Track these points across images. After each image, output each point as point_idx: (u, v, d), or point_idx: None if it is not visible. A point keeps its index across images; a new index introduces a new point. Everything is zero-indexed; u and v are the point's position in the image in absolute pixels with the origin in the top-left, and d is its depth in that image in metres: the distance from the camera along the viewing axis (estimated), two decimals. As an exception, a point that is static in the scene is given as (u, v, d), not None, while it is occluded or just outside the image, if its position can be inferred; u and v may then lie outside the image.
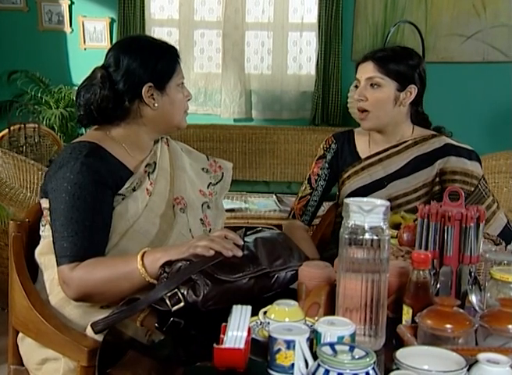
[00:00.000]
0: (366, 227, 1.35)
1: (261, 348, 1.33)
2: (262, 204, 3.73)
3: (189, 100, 2.01)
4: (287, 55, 5.68)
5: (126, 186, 1.85)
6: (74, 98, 5.67)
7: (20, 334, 1.90)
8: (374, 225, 1.36)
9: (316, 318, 1.45)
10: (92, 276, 1.70)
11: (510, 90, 5.54)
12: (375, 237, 1.36)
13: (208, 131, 5.46)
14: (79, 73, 5.63)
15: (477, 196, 2.24)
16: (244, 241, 1.69)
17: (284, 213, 3.57)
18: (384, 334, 1.39)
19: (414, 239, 1.75)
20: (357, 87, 2.35)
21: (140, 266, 1.65)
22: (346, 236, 1.37)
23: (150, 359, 1.42)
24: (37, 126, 4.67)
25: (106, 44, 5.62)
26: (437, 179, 2.30)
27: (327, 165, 2.47)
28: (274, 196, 3.87)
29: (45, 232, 1.88)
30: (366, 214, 1.35)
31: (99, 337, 1.64)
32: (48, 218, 1.83)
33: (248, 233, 1.81)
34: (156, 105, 1.91)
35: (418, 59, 2.33)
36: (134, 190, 1.86)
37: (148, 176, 1.92)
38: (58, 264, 1.74)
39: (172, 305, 1.51)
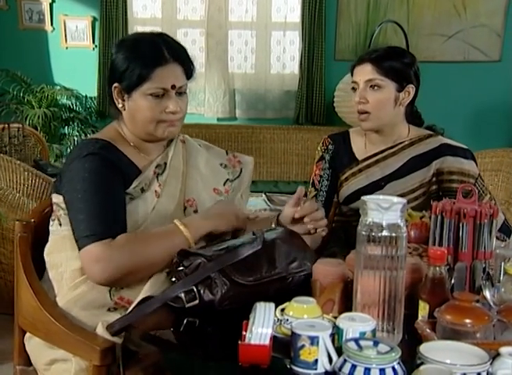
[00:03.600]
0: (384, 224, 1.38)
1: (280, 345, 1.35)
2: (252, 203, 3.74)
3: (173, 113, 1.88)
4: (271, 54, 5.70)
5: (132, 185, 1.85)
6: (57, 98, 5.61)
7: (28, 334, 1.89)
8: (391, 222, 1.38)
9: (331, 314, 1.47)
10: (139, 249, 1.71)
11: (490, 89, 5.64)
12: (393, 234, 1.38)
13: (192, 130, 5.42)
14: (61, 73, 5.61)
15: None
16: (264, 239, 1.68)
17: (275, 212, 3.59)
18: (401, 330, 1.42)
19: (422, 236, 1.79)
20: (354, 89, 2.35)
21: (187, 232, 1.74)
22: (364, 233, 1.39)
23: (165, 358, 1.42)
24: (21, 126, 4.62)
25: (88, 43, 5.59)
26: (434, 179, 2.33)
27: (327, 165, 2.49)
28: (263, 195, 3.89)
29: (53, 227, 1.87)
30: (384, 211, 1.38)
31: (110, 337, 1.65)
32: (58, 213, 1.84)
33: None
34: (120, 105, 1.90)
35: (412, 58, 2.37)
36: (143, 190, 1.86)
37: (157, 177, 1.91)
38: (84, 245, 1.71)
39: (187, 302, 1.52)
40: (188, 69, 1.92)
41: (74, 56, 5.60)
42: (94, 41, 5.60)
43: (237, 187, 2.11)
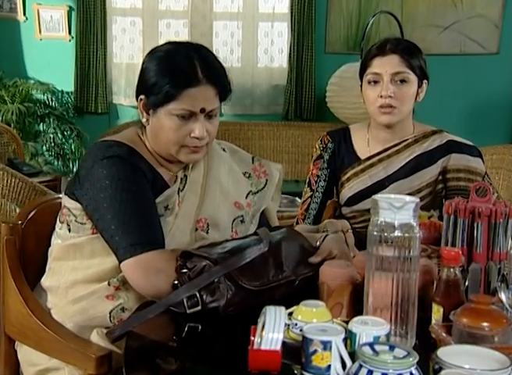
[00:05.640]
0: (396, 224, 1.39)
1: (289, 350, 1.36)
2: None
3: (198, 139, 1.80)
4: (258, 46, 5.73)
5: (158, 200, 1.80)
6: (32, 93, 5.57)
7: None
8: (404, 222, 1.40)
9: (339, 318, 1.49)
10: None
11: (488, 83, 5.69)
12: (405, 235, 1.40)
13: (177, 128, 5.44)
14: (34, 65, 5.58)
15: (482, 193, 2.30)
16: (270, 242, 1.67)
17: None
18: (414, 334, 1.43)
19: (430, 236, 1.82)
20: (375, 82, 2.31)
21: None
22: (375, 233, 1.41)
23: (169, 367, 1.43)
24: (-6, 122, 4.61)
25: (64, 34, 5.57)
26: (440, 177, 2.35)
27: (326, 165, 2.49)
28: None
29: (62, 230, 1.84)
30: (397, 211, 1.39)
31: (106, 344, 1.66)
32: (69, 218, 1.81)
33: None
34: (144, 120, 1.85)
35: (422, 52, 2.39)
36: (166, 208, 1.82)
37: (178, 194, 1.86)
38: (136, 253, 1.67)
39: (189, 307, 1.52)
40: (223, 91, 1.84)
41: (49, 48, 5.57)
42: (70, 32, 5.58)
43: (259, 201, 2.02)
